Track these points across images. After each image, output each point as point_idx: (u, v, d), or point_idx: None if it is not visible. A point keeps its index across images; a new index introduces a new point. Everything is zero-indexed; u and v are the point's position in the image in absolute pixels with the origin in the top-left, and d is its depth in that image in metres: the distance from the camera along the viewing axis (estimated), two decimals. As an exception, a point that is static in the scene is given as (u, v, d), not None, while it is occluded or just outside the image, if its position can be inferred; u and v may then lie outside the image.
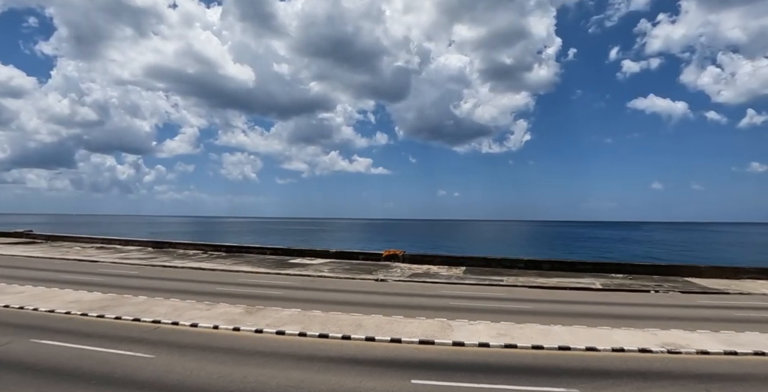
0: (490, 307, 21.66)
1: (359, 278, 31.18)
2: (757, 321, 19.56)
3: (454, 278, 31.34)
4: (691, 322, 18.96)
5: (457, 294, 25.29)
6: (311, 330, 16.91)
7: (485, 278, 31.41)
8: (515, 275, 33.02)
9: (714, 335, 16.53)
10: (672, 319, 19.57)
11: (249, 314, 19.55)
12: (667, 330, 17.19)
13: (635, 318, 19.77)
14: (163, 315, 19.20)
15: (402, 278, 31.08)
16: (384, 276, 31.68)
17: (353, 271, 34.23)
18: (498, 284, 28.97)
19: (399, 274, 33.00)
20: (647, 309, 21.91)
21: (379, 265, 38.21)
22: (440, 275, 32.43)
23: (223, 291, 25.11)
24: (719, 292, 27.22)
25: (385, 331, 16.64)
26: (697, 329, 17.50)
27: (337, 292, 25.58)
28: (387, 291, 26.07)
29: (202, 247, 50.55)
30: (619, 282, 30.12)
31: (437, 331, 16.61)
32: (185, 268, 35.53)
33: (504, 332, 16.55)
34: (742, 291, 27.52)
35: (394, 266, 37.44)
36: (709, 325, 18.33)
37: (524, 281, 30.30)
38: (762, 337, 16.26)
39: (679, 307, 22.47)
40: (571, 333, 16.55)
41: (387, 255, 40.86)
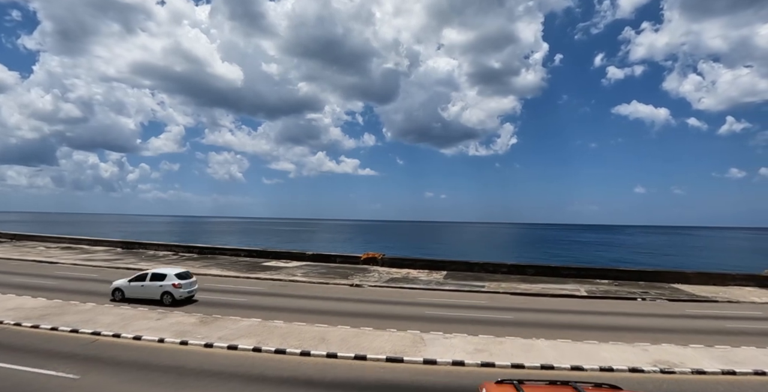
0: (469, 317, 20.13)
1: (333, 283, 29.46)
2: (751, 333, 18.34)
3: (433, 283, 29.80)
4: (683, 335, 17.66)
5: (435, 301, 23.74)
6: (268, 344, 15.18)
7: (466, 283, 29.92)
8: (498, 280, 31.60)
9: (709, 350, 15.20)
10: (662, 331, 18.25)
11: (203, 324, 17.73)
12: (658, 344, 15.82)
13: (623, 329, 18.42)
14: (106, 325, 17.29)
15: (378, 284, 29.45)
16: (360, 281, 30.01)
17: (328, 275, 32.50)
18: (479, 291, 27.49)
19: (376, 279, 31.36)
20: (635, 319, 20.58)
21: (356, 268, 36.54)
22: (419, 281, 30.87)
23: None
24: (708, 300, 26.10)
25: (350, 346, 14.98)
26: (690, 343, 16.17)
27: (307, 299, 23.85)
28: (361, 298, 24.41)
29: (174, 248, 48.32)
30: (604, 289, 28.87)
31: (408, 346, 14.99)
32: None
33: (482, 347, 15.00)
34: (731, 299, 26.44)
35: (372, 270, 35.80)
36: (702, 338, 17.02)
37: (507, 287, 28.86)
38: (760, 353, 14.97)
39: (669, 317, 21.21)
40: (555, 348, 15.07)
41: (365, 258, 39.20)
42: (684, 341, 16.54)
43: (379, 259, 38.58)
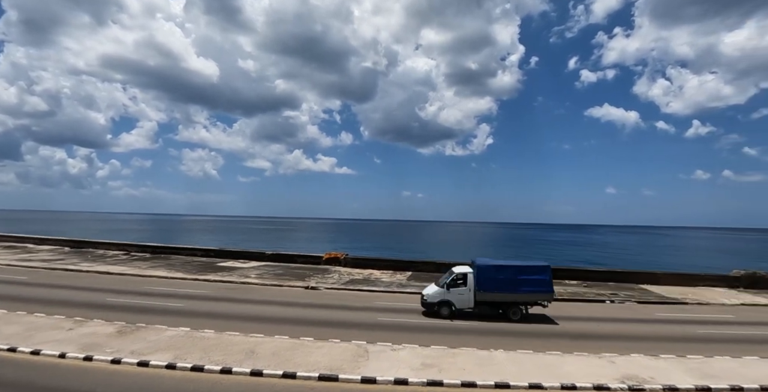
0: (426, 324, 18.39)
1: (287, 286, 27.38)
2: (724, 340, 17.13)
3: (394, 285, 28.02)
4: (653, 343, 16.29)
5: (392, 305, 21.94)
6: (187, 358, 13.10)
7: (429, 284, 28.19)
8: (463, 281, 30.01)
9: (681, 362, 13.79)
10: (631, 339, 16.86)
11: (120, 335, 15.49)
12: (626, 354, 14.35)
13: (590, 337, 16.95)
14: (5, 337, 14.88)
15: (336, 286, 27.50)
16: (316, 283, 28.00)
17: (284, 277, 30.38)
18: (442, 293, 25.80)
19: (335, 280, 29.40)
20: (604, 325, 19.18)
21: (317, 269, 34.50)
22: (380, 282, 29.05)
23: (113, 303, 20.84)
24: (678, 302, 25.07)
25: (281, 361, 13.01)
26: (661, 352, 14.77)
27: (252, 303, 21.75)
28: (312, 302, 22.42)
29: (127, 247, 45.32)
30: (573, 291, 27.60)
31: (348, 361, 13.11)
32: (90, 272, 30.72)
33: (432, 361, 13.23)
34: (700, 301, 25.48)
35: (334, 271, 33.82)
36: (673, 347, 15.67)
37: (472, 289, 27.29)
38: (736, 364, 13.64)
39: (638, 322, 19.90)
40: (515, 361, 13.42)
41: (328, 258, 37.19)
42: (655, 350, 15.14)
43: (341, 259, 36.62)
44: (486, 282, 19.45)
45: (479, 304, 19.69)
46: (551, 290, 19.33)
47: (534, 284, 19.20)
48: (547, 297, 19.41)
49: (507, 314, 19.49)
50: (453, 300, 19.59)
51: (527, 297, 19.40)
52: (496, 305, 19.74)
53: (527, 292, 19.25)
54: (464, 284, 19.60)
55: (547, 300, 19.61)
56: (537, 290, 19.25)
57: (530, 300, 19.52)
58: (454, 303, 19.57)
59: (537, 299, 19.49)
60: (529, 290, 19.22)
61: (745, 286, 31.15)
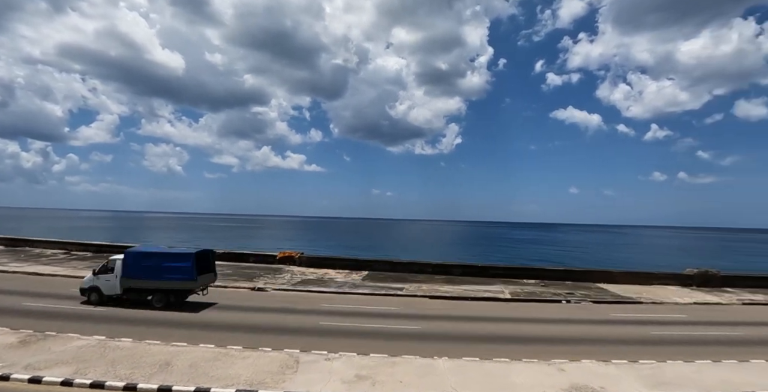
0: (371, 328, 17.16)
1: (232, 288, 25.66)
2: (677, 341, 16.63)
3: (347, 286, 26.72)
4: (606, 346, 15.59)
5: (338, 308, 20.61)
6: (89, 373, 11.44)
7: (384, 286, 27.09)
8: (421, 281, 29.04)
9: (634, 368, 13.03)
10: (584, 342, 16.12)
11: (22, 346, 13.60)
12: (578, 360, 13.50)
13: (542, 341, 16.12)
14: None
15: (285, 287, 25.98)
16: (264, 284, 26.40)
17: (232, 277, 28.58)
18: (395, 294, 24.70)
19: (285, 281, 27.86)
20: (557, 326, 18.44)
21: (269, 269, 32.81)
22: (333, 283, 27.69)
23: (29, 308, 18.78)
24: (632, 301, 24.77)
25: (197, 374, 11.51)
26: (613, 357, 14.01)
27: (188, 308, 19.99)
28: (254, 305, 20.86)
29: (68, 246, 42.24)
30: (530, 291, 27.00)
31: (273, 373, 11.72)
32: (17, 273, 28.14)
33: (368, 372, 11.99)
34: (654, 300, 25.28)
35: (287, 271, 32.23)
36: (626, 351, 14.98)
37: (427, 289, 26.32)
38: (688, 369, 12.99)
39: (592, 323, 19.28)
40: (458, 370, 12.34)
41: (282, 257, 35.53)
42: (607, 354, 14.40)
43: (296, 258, 35.03)
44: (131, 269, 19.59)
45: (127, 291, 19.79)
46: (193, 278, 19.37)
47: (177, 271, 19.37)
48: (190, 284, 19.52)
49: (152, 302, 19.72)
50: (101, 286, 19.80)
51: (170, 285, 19.52)
52: (144, 291, 19.77)
53: (170, 279, 19.40)
54: (112, 271, 19.74)
55: (191, 288, 19.77)
56: (180, 278, 19.41)
57: (173, 287, 19.60)
58: (102, 289, 19.78)
59: (180, 286, 19.65)
60: (172, 278, 19.37)
61: (697, 284, 31.38)
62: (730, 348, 15.97)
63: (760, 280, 32.75)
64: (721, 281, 31.73)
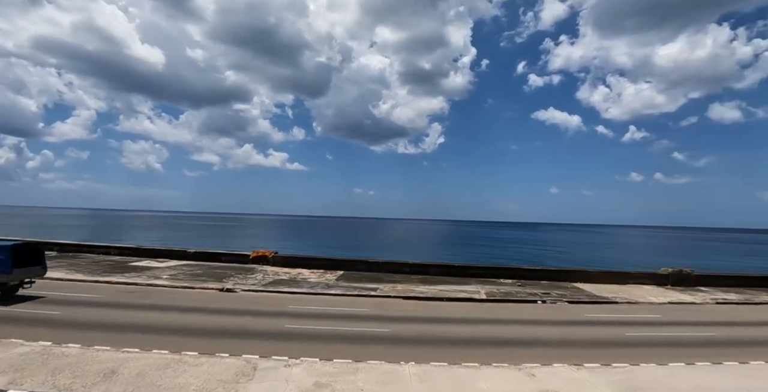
0: (338, 331, 16.43)
1: (200, 288, 24.67)
2: (651, 343, 16.30)
3: (320, 286, 25.93)
4: (580, 349, 15.16)
5: (307, 310, 19.82)
6: (25, 383, 10.53)
7: (358, 286, 26.39)
8: (396, 281, 28.43)
9: (606, 372, 12.59)
10: (557, 345, 15.66)
11: (-46, 354, 12.52)
12: (549, 365, 13.01)
13: (515, 343, 15.61)
14: None
15: (256, 288, 25.08)
16: (234, 285, 25.46)
17: (201, 277, 27.55)
18: (369, 295, 24.03)
19: (257, 281, 26.94)
20: (531, 328, 17.98)
21: (241, 269, 31.81)
22: (306, 283, 26.87)
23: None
24: (608, 301, 24.56)
25: (143, 384, 10.65)
26: (586, 360, 13.57)
27: (148, 310, 18.97)
28: (220, 307, 19.95)
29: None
30: (506, 291, 26.60)
31: (227, 381, 10.92)
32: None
33: (328, 379, 11.27)
34: (629, 300, 25.12)
35: (259, 270, 31.29)
36: (600, 354, 14.58)
37: (402, 290, 25.71)
38: (661, 373, 12.60)
39: (566, 324, 18.88)
40: (424, 377, 11.71)
41: (255, 257, 34.56)
42: (580, 357, 13.96)
43: (269, 257, 34.09)
44: None
45: None
46: (8, 271, 19.52)
47: None
48: (4, 277, 19.63)
49: None
50: None
51: None
52: None
53: None
54: None
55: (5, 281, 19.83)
56: None
57: None
58: None
59: None
60: None
61: (672, 283, 31.48)
62: (703, 349, 15.72)
63: (732, 279, 33.05)
64: (695, 280, 31.89)
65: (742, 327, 19.53)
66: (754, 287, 31.86)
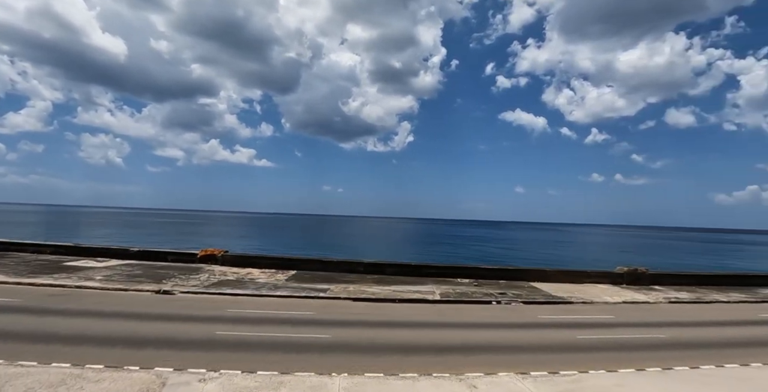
0: (274, 338, 15.11)
1: (134, 290, 22.83)
2: (602, 347, 15.71)
3: (267, 287, 24.48)
4: (528, 354, 14.37)
5: (246, 314, 18.39)
6: None
7: (308, 287, 25.09)
8: (350, 282, 27.26)
9: (553, 381, 11.77)
10: (506, 350, 14.84)
11: None
12: (494, 374, 12.11)
13: (461, 349, 14.67)
14: None
15: (196, 289, 23.41)
16: (172, 286, 23.71)
17: (139, 278, 25.62)
18: (317, 297, 22.78)
19: (200, 282, 25.25)
20: (480, 332, 17.14)
21: (187, 268, 29.94)
22: (253, 284, 25.36)
23: None
24: (563, 301, 24.14)
25: (21, 408, 9.11)
26: (534, 367, 12.77)
27: (68, 315, 17.11)
28: (150, 312, 18.27)
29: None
30: (461, 291, 25.85)
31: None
32: None
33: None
34: (585, 300, 24.80)
35: (206, 270, 29.52)
36: (549, 359, 13.82)
37: (354, 290, 24.56)
38: (611, 381, 11.90)
39: (519, 327, 18.18)
40: (354, 390, 10.58)
41: (203, 256, 32.70)
42: (528, 364, 13.16)
43: (218, 256, 32.32)
44: None
45: None
46: None
47: None
48: None
49: None
50: None
51: None
52: None
53: None
54: None
55: None
56: None
57: None
58: None
59: None
60: None
61: (628, 282, 31.55)
62: (654, 352, 15.24)
63: (684, 278, 33.51)
64: (650, 279, 32.10)
65: (693, 327, 19.32)
66: (704, 285, 32.32)
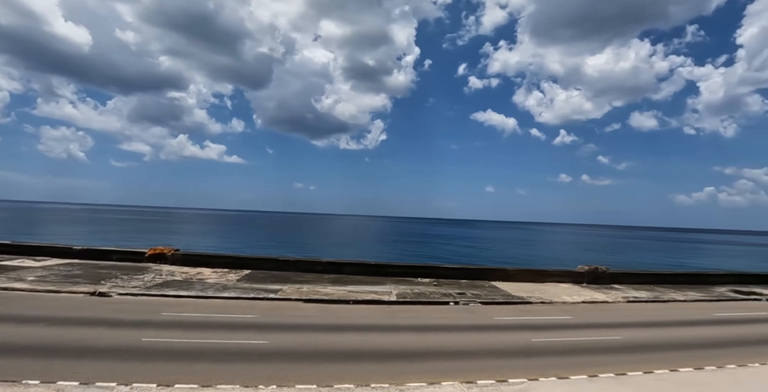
0: (206, 344, 13.84)
1: (67, 292, 21.07)
2: (555, 350, 15.09)
3: (214, 288, 23.07)
4: (478, 360, 13.58)
5: (183, 317, 17.01)
6: None
7: (260, 287, 23.83)
8: (305, 282, 26.11)
9: (499, 391, 10.99)
10: (455, 355, 14.00)
11: None
12: (437, 383, 11.24)
13: (407, 356, 13.75)
14: None
15: (137, 291, 21.81)
16: (111, 288, 22.05)
17: (75, 279, 23.79)
18: (266, 298, 21.55)
19: (144, 282, 23.63)
20: (432, 336, 16.25)
21: (133, 268, 28.15)
22: (200, 285, 23.89)
23: None
24: (522, 301, 23.66)
25: None
26: (481, 376, 11.98)
27: (-24, 321, 15.42)
28: (77, 316, 16.67)
29: None
30: (420, 291, 25.06)
31: (1, 428, 8.20)
32: None
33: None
34: (544, 300, 24.39)
35: (153, 270, 27.81)
36: (498, 366, 13.08)
37: (307, 291, 23.43)
38: (559, 388, 11.23)
39: (473, 330, 17.43)
40: (280, 406, 9.55)
41: (152, 254, 30.91)
42: (477, 371, 12.38)
43: (168, 255, 30.60)
44: None
45: None
46: None
47: None
48: None
49: None
50: None
51: None
52: None
53: None
54: None
55: None
56: None
57: None
58: None
59: None
60: None
61: (588, 281, 31.50)
62: (608, 356, 14.73)
63: (644, 276, 33.81)
64: (611, 278, 32.16)
65: (649, 328, 19.02)
66: (663, 284, 32.64)
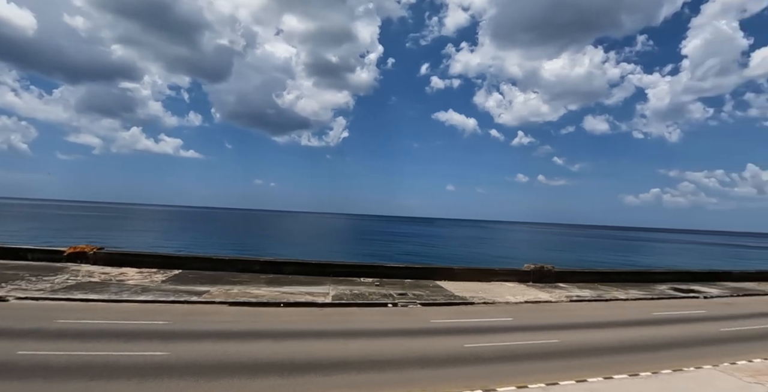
0: (88, 358, 12.04)
1: (-48, 296, 18.61)
2: (487, 358, 14.22)
3: (131, 291, 21.04)
4: (402, 371, 12.50)
5: (79, 325, 15.04)
6: None
7: (185, 289, 21.99)
8: (238, 282, 24.43)
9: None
10: (376, 366, 12.81)
11: None
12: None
13: (322, 367, 12.45)
14: None
15: (42, 294, 19.54)
16: (11, 291, 19.68)
17: (-29, 281, 21.19)
18: (187, 302, 19.78)
19: (53, 284, 21.31)
20: (358, 342, 15.09)
21: (47, 268, 25.58)
22: (117, 287, 21.79)
23: None
24: (464, 302, 22.94)
25: None
26: (405, 387, 10.95)
27: None
28: (-50, 325, 14.49)
29: None
30: (359, 292, 23.91)
31: None
32: None
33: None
34: (486, 300, 23.78)
35: (70, 270, 25.37)
36: (419, 377, 12.05)
37: (237, 293, 21.80)
38: (482, 402, 10.31)
39: (404, 335, 16.38)
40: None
41: (71, 253, 28.31)
42: (399, 384, 11.35)
43: (89, 254, 28.09)
44: None
45: None
46: None
47: None
48: None
49: None
50: None
51: None
52: None
53: None
54: None
55: None
56: None
57: None
58: None
59: None
60: None
61: (534, 280, 31.34)
62: (542, 362, 14.03)
63: (588, 275, 34.01)
64: (556, 276, 32.13)
65: (588, 329, 18.64)
66: (607, 282, 32.97)
